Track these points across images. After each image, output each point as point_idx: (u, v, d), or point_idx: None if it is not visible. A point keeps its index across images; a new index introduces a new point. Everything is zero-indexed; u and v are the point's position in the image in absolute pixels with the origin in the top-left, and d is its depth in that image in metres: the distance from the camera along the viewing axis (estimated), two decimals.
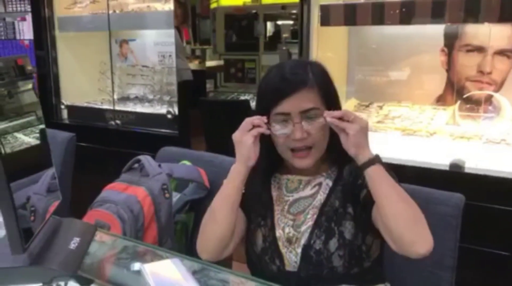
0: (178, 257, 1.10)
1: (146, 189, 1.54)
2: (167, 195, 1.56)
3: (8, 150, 1.02)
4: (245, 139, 1.16)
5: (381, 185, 1.09)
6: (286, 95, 1.15)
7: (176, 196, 1.68)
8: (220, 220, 1.18)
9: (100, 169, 2.47)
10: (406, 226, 1.05)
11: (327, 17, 2.28)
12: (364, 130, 1.11)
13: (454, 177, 1.95)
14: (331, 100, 1.20)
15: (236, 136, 1.17)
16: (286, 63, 1.31)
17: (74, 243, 1.07)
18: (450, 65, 2.38)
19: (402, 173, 1.71)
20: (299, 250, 1.18)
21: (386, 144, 2.16)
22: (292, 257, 1.19)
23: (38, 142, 1.13)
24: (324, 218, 1.19)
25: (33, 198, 1.24)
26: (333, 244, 1.15)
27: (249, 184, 1.27)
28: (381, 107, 2.54)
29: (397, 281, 1.26)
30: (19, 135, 1.15)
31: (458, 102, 2.33)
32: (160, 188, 1.55)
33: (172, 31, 3.04)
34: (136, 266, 1.03)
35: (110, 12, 3.20)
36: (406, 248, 1.05)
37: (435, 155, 2.04)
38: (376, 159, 1.10)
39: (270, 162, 1.26)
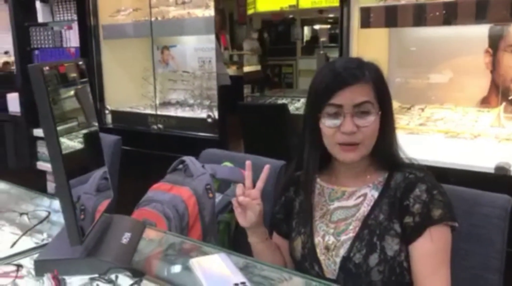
0: (225, 252, 1.12)
1: (190, 189, 1.58)
2: (210, 195, 1.59)
3: (78, 148, 1.08)
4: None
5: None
6: (339, 88, 1.13)
7: (218, 197, 1.71)
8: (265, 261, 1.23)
9: (143, 171, 2.54)
10: None
11: (367, 19, 2.28)
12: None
13: (499, 180, 1.91)
14: (385, 99, 1.18)
15: None
16: (337, 60, 1.28)
17: (125, 238, 1.11)
18: (494, 66, 2.33)
19: (446, 176, 1.69)
20: (337, 260, 1.16)
21: (428, 147, 2.13)
22: (330, 265, 1.17)
23: (81, 146, 1.17)
24: (366, 231, 1.15)
25: (83, 198, 1.29)
26: (373, 259, 1.12)
27: (289, 195, 1.31)
28: (423, 110, 2.51)
29: None
30: (63, 140, 1.20)
31: (503, 103, 2.28)
32: (204, 188, 1.59)
33: (212, 37, 3.10)
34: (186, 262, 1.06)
35: (152, 19, 3.30)
36: None
37: (479, 157, 1.99)
38: None
39: (316, 168, 1.25)
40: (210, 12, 3.06)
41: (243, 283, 0.94)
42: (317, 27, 4.73)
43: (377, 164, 1.22)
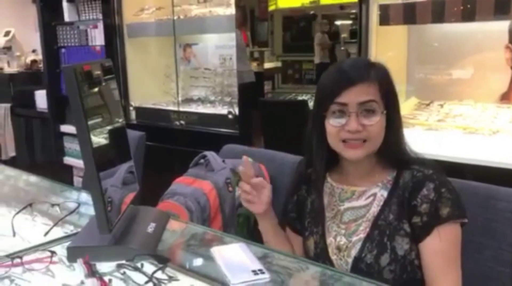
0: (244, 242, 1.18)
1: (211, 183, 1.64)
2: (230, 189, 1.65)
3: (107, 142, 1.15)
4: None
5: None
6: (344, 87, 1.15)
7: (238, 191, 1.77)
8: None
9: (166, 166, 2.61)
10: None
11: (386, 16, 2.30)
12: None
13: None
14: (391, 99, 1.19)
15: None
16: (345, 61, 1.30)
17: (150, 227, 1.18)
18: None
19: (463, 172, 1.71)
20: (349, 260, 1.18)
21: (446, 143, 2.15)
22: (342, 265, 1.20)
23: (107, 141, 1.20)
24: (377, 232, 1.17)
25: (109, 190, 1.37)
26: (384, 259, 1.14)
27: (301, 193, 1.34)
28: (442, 106, 2.52)
29: None
30: (92, 135, 1.26)
31: None
32: (224, 182, 1.65)
33: (233, 35, 3.15)
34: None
35: (175, 17, 3.37)
36: None
37: (498, 153, 2.00)
38: None
39: (323, 168, 1.27)
40: (231, 10, 3.11)
41: (260, 270, 1.00)
42: (338, 23, 4.74)
43: (385, 162, 1.23)
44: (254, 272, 0.99)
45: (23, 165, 4.65)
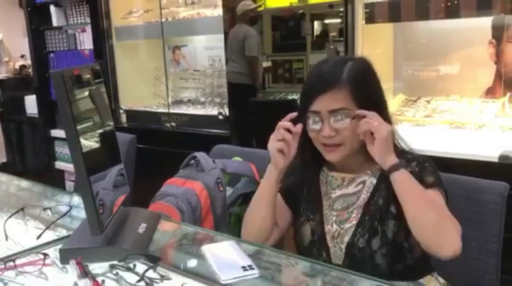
0: (234, 239, 1.20)
1: (202, 183, 1.65)
2: (221, 188, 1.67)
3: (97, 146, 1.17)
4: (270, 146, 1.26)
5: (405, 189, 1.14)
6: (318, 94, 1.21)
7: (229, 190, 1.79)
8: (257, 213, 1.30)
9: (158, 168, 2.62)
10: (429, 230, 1.11)
11: (372, 15, 2.33)
12: (389, 135, 1.16)
13: (504, 169, 1.95)
14: (366, 100, 1.21)
15: (269, 142, 1.27)
16: (328, 59, 1.33)
17: (141, 228, 1.20)
18: (498, 57, 2.37)
19: (450, 166, 1.74)
20: (343, 246, 1.23)
21: (433, 138, 2.18)
22: (337, 251, 1.24)
23: (97, 145, 1.21)
24: (367, 217, 1.22)
25: (101, 193, 1.38)
26: (376, 242, 1.19)
27: (297, 178, 1.36)
28: (429, 102, 2.55)
29: (443, 267, 1.29)
30: (82, 139, 1.27)
31: (508, 94, 2.31)
32: (215, 182, 1.66)
33: (221, 36, 3.17)
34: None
35: (163, 20, 3.38)
36: (432, 250, 1.13)
37: (484, 147, 2.04)
38: (400, 165, 1.15)
39: (315, 157, 1.31)
40: (219, 11, 3.13)
41: (250, 266, 1.02)
42: (327, 21, 4.76)
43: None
44: (244, 268, 1.02)
45: (14, 171, 4.64)
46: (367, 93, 1.23)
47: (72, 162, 1.04)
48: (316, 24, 4.87)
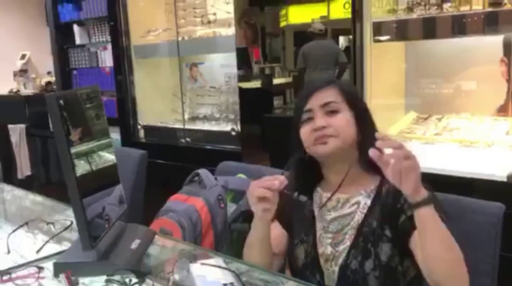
0: (222, 257, 1.23)
1: (203, 200, 1.69)
2: (222, 205, 1.70)
3: (93, 167, 1.22)
4: (251, 201, 1.21)
5: (430, 229, 1.05)
6: (308, 96, 1.29)
7: (232, 207, 1.82)
8: (253, 259, 1.29)
9: (172, 183, 2.67)
10: (446, 271, 1.06)
11: (379, 34, 2.34)
12: (418, 166, 1.03)
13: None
14: (356, 104, 1.29)
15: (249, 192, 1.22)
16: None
17: (135, 244, 1.24)
18: (510, 75, 2.34)
19: (456, 185, 1.72)
20: (336, 269, 1.23)
21: (442, 156, 2.16)
22: (330, 274, 1.24)
23: (92, 168, 1.22)
24: (361, 238, 1.21)
25: (107, 208, 1.43)
26: (368, 265, 1.19)
27: (290, 199, 1.37)
28: (440, 119, 2.54)
29: None
30: (103, 153, 1.34)
31: None
32: (216, 199, 1.70)
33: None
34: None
35: (180, 39, 3.47)
36: None
37: (493, 166, 2.01)
38: (430, 200, 1.05)
39: (308, 177, 1.34)
40: (234, 31, 3.19)
41: (231, 283, 1.04)
42: (351, 37, 4.75)
43: (369, 171, 1.27)
44: None
45: (38, 183, 4.79)
46: (356, 98, 1.32)
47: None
48: (342, 39, 4.88)
